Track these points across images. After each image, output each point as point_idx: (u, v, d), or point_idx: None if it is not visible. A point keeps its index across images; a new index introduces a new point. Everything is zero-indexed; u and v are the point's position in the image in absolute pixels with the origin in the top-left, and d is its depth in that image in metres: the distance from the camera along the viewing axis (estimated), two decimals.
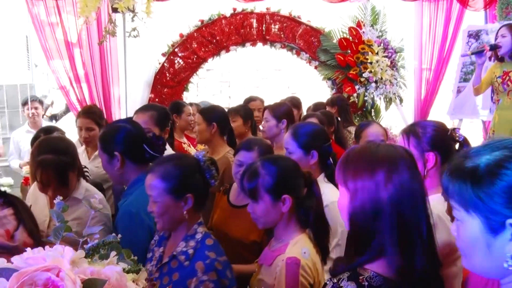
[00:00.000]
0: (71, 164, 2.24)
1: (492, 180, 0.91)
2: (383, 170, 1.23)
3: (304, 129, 2.42)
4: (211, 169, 1.86)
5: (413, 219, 1.21)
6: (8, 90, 6.33)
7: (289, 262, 1.66)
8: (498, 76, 3.99)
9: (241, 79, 8.68)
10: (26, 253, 0.93)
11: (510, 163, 0.90)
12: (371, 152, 1.28)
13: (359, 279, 1.19)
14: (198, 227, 1.82)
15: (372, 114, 5.66)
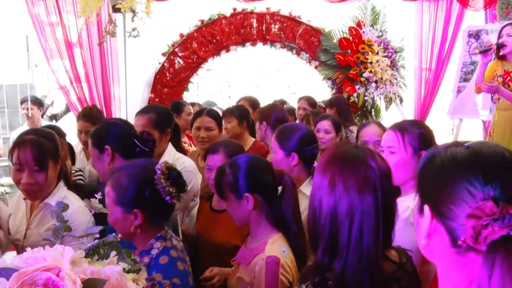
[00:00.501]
0: (52, 150, 2.03)
1: None
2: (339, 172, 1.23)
3: (288, 131, 2.39)
4: (164, 185, 1.68)
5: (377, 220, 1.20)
6: (8, 90, 6.34)
7: (269, 261, 1.67)
8: (499, 75, 3.98)
9: (241, 79, 8.69)
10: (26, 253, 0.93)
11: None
12: (353, 152, 1.28)
13: (327, 284, 1.18)
14: (155, 242, 1.68)
15: (372, 114, 5.66)
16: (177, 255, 1.69)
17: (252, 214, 1.80)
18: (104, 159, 2.16)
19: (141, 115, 2.76)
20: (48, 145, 2.01)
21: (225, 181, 1.82)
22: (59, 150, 2.11)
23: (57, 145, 2.09)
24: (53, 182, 2.05)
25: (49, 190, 2.04)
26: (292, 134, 2.33)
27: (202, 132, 3.16)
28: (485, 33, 5.15)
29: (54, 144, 2.07)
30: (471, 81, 5.03)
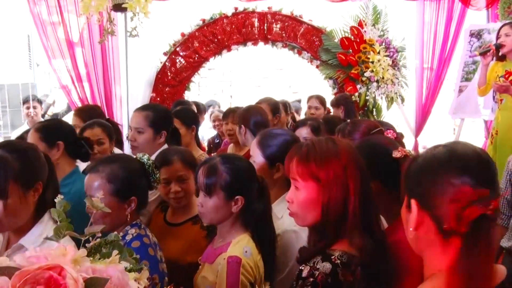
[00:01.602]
0: (19, 172, 1.51)
1: None
2: (347, 158, 1.38)
3: (273, 138, 2.17)
4: (155, 173, 1.85)
5: (369, 202, 1.39)
6: (10, 90, 6.34)
7: (230, 261, 1.68)
8: (500, 76, 3.97)
9: (243, 78, 8.69)
10: (28, 252, 0.93)
11: None
12: (331, 144, 1.42)
13: (331, 259, 1.32)
14: (130, 228, 1.76)
15: (374, 113, 5.66)
16: (149, 242, 1.76)
17: (232, 216, 1.81)
18: (53, 154, 2.15)
19: (139, 112, 2.71)
20: (14, 164, 1.50)
21: (219, 179, 1.78)
22: (38, 172, 1.59)
23: (32, 166, 1.57)
24: (21, 213, 1.54)
25: (17, 222, 1.55)
26: (278, 143, 2.14)
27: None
28: (487, 33, 5.14)
29: (28, 164, 1.55)
30: (473, 80, 5.03)
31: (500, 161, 3.94)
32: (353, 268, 1.33)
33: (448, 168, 1.01)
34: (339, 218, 1.37)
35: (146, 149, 2.61)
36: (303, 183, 1.40)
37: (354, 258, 1.34)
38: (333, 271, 1.30)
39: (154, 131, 2.61)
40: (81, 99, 4.99)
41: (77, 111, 3.53)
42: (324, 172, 1.37)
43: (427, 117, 5.91)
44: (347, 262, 1.33)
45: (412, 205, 1.06)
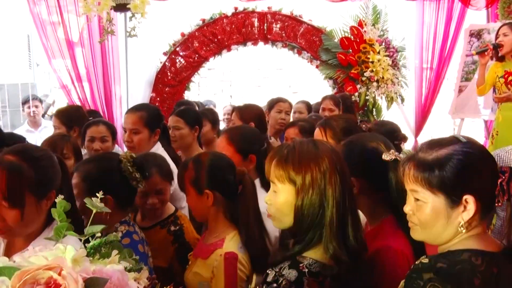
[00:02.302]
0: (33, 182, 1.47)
1: (453, 166, 1.17)
2: (327, 163, 1.35)
3: (240, 132, 2.36)
4: (131, 171, 1.81)
5: (347, 210, 1.35)
6: (10, 89, 6.33)
7: (227, 257, 1.72)
8: (500, 76, 3.97)
9: (243, 78, 8.68)
10: (28, 252, 0.93)
11: (463, 153, 1.18)
12: (312, 147, 1.39)
13: (299, 266, 1.29)
14: (119, 225, 1.80)
15: (374, 113, 5.66)
16: (138, 238, 1.81)
17: (211, 210, 1.85)
18: None
19: (132, 112, 2.74)
20: (29, 174, 1.47)
21: (187, 176, 1.86)
22: (52, 181, 1.56)
23: (47, 174, 1.54)
24: (34, 221, 1.52)
25: (28, 230, 1.52)
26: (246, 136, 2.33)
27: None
28: (487, 33, 5.14)
29: (43, 173, 1.52)
30: (473, 80, 5.03)
31: None
32: (321, 279, 1.29)
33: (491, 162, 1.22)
34: (314, 224, 1.33)
35: (144, 148, 2.68)
36: (281, 185, 1.38)
37: (326, 268, 1.30)
38: (298, 280, 1.27)
39: (149, 131, 2.67)
40: (81, 99, 4.99)
41: (57, 113, 3.50)
42: (301, 176, 1.34)
43: (427, 117, 5.91)
44: (316, 272, 1.29)
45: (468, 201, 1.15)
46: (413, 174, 1.21)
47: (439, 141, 1.25)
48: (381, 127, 3.37)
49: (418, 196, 1.21)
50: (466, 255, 1.15)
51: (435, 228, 1.20)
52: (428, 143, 1.25)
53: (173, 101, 5.30)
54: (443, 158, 1.18)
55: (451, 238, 1.20)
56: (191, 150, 3.02)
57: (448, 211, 1.18)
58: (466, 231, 1.18)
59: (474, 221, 1.18)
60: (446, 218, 1.18)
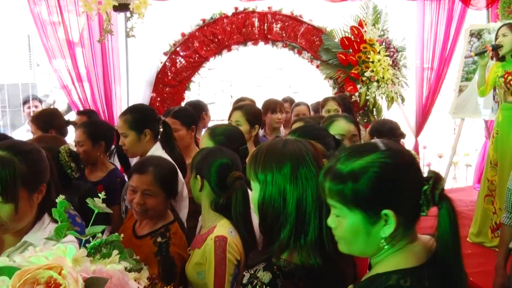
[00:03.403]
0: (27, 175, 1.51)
1: (367, 179, 1.09)
2: (290, 164, 1.36)
3: (221, 130, 2.48)
4: (66, 160, 2.21)
5: (311, 211, 1.34)
6: (10, 89, 6.34)
7: (217, 240, 1.80)
8: (500, 76, 3.97)
9: (243, 78, 8.68)
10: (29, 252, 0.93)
11: (380, 165, 1.10)
12: (279, 147, 1.41)
13: (273, 268, 1.30)
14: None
15: (374, 113, 5.66)
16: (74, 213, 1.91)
17: (203, 198, 2.00)
18: None
19: (120, 117, 2.78)
20: (22, 167, 1.50)
21: (194, 159, 2.06)
22: (42, 174, 1.60)
23: (37, 168, 1.58)
24: (27, 215, 1.55)
25: (21, 225, 1.55)
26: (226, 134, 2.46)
27: None
28: (487, 33, 5.14)
29: (34, 166, 1.55)
30: (473, 80, 5.02)
31: (501, 161, 3.94)
32: (296, 280, 1.30)
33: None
34: (277, 225, 1.34)
35: (136, 150, 2.75)
36: (252, 183, 1.43)
37: (299, 268, 1.31)
38: (273, 282, 1.27)
39: (136, 132, 2.69)
40: (81, 99, 4.99)
41: (32, 118, 3.47)
42: (263, 174, 1.37)
43: (427, 117, 5.91)
44: (291, 273, 1.29)
45: (388, 215, 1.10)
46: (328, 187, 1.15)
47: (358, 149, 1.16)
48: (381, 126, 3.42)
49: (336, 212, 1.16)
50: (394, 278, 1.09)
51: (357, 244, 1.15)
52: (347, 152, 1.16)
53: (173, 101, 5.31)
54: (358, 170, 1.10)
55: (376, 251, 1.15)
56: (189, 150, 3.02)
57: (368, 227, 1.11)
58: (391, 246, 1.13)
59: (398, 235, 1.12)
60: (367, 235, 1.12)
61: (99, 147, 3.04)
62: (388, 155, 1.11)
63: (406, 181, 1.11)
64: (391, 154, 1.12)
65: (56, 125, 3.33)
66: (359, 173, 1.10)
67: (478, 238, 4.08)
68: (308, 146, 1.43)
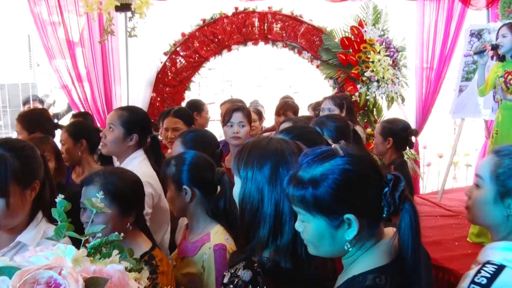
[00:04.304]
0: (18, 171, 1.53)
1: (327, 186, 1.12)
2: (271, 163, 1.36)
3: (192, 135, 2.44)
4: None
5: (289, 214, 1.33)
6: (10, 89, 6.35)
7: (216, 249, 1.79)
8: (500, 76, 3.98)
9: (243, 78, 8.68)
10: (29, 252, 0.93)
11: (339, 172, 1.12)
12: (263, 145, 1.42)
13: (253, 266, 1.31)
14: None
15: (374, 113, 5.66)
16: None
17: (189, 207, 1.93)
18: None
19: (116, 110, 2.74)
20: (14, 163, 1.51)
21: (169, 172, 1.96)
22: (35, 171, 1.61)
23: (30, 164, 1.59)
24: (19, 212, 1.56)
25: (14, 222, 1.56)
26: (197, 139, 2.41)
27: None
28: (487, 32, 5.14)
29: (26, 163, 1.57)
30: (473, 80, 5.02)
31: None
32: (277, 277, 1.31)
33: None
34: (255, 222, 1.36)
35: (114, 149, 2.60)
36: (236, 178, 1.45)
37: (280, 266, 1.32)
38: (253, 279, 1.28)
39: (124, 131, 2.56)
40: (81, 99, 4.99)
41: (18, 117, 3.41)
42: (244, 170, 1.39)
43: (427, 117, 5.91)
44: (271, 270, 1.31)
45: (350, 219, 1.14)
46: (291, 194, 1.18)
47: (318, 156, 1.18)
48: (393, 124, 3.41)
49: (301, 217, 1.19)
50: (370, 278, 1.13)
51: (323, 247, 1.18)
52: (310, 159, 1.18)
53: (173, 101, 5.31)
54: (318, 177, 1.13)
55: (344, 252, 1.19)
56: None
57: (332, 231, 1.15)
58: (358, 248, 1.17)
59: (364, 237, 1.16)
60: (332, 238, 1.16)
61: (81, 146, 2.99)
62: (347, 161, 1.14)
63: (365, 186, 1.14)
64: (350, 160, 1.14)
65: (42, 127, 3.27)
66: (319, 180, 1.13)
67: (478, 238, 4.07)
68: (292, 147, 1.43)
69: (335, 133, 2.17)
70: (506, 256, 1.31)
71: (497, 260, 1.31)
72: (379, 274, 1.13)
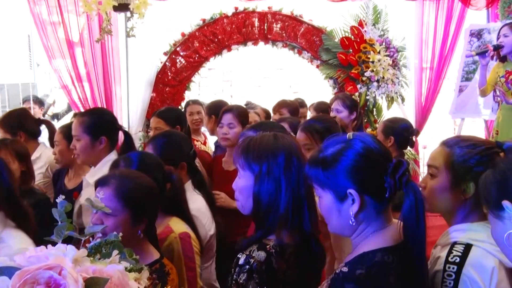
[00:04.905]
0: None
1: (335, 164, 1.28)
2: (284, 155, 1.50)
3: (164, 140, 2.36)
4: None
5: (303, 197, 1.49)
6: (10, 89, 6.35)
7: (182, 237, 1.90)
8: (501, 76, 3.98)
9: (243, 78, 8.68)
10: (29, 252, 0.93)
11: (345, 152, 1.28)
12: (272, 140, 1.54)
13: (266, 248, 1.43)
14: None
15: (374, 113, 5.66)
16: None
17: None
18: None
19: (76, 118, 2.68)
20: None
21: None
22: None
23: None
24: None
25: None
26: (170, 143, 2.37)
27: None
28: (487, 32, 5.14)
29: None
30: (473, 80, 5.03)
31: None
32: (287, 257, 1.44)
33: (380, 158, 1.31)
34: (271, 210, 1.48)
35: (88, 158, 2.53)
36: (242, 172, 1.54)
37: (288, 247, 1.45)
38: (268, 260, 1.41)
39: (91, 138, 2.48)
40: (81, 99, 4.99)
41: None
42: (258, 165, 1.49)
43: (427, 117, 5.91)
44: (282, 251, 1.43)
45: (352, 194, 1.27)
46: (307, 172, 1.35)
47: (332, 139, 1.36)
48: (395, 123, 3.45)
49: (315, 192, 1.37)
50: (379, 255, 1.24)
51: (332, 221, 1.34)
52: (324, 142, 1.36)
53: (173, 101, 5.31)
54: (329, 156, 1.29)
55: (352, 230, 1.31)
56: None
57: (338, 205, 1.29)
58: (365, 226, 1.29)
59: (371, 216, 1.29)
60: (338, 212, 1.30)
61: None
62: (354, 143, 1.30)
63: (369, 166, 1.28)
64: (357, 143, 1.30)
65: (25, 127, 3.22)
66: (331, 158, 1.29)
67: None
68: (293, 139, 1.63)
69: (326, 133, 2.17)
70: (470, 236, 1.43)
71: (464, 240, 1.43)
72: (387, 253, 1.24)
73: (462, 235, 1.45)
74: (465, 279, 1.35)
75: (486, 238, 1.38)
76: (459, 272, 1.36)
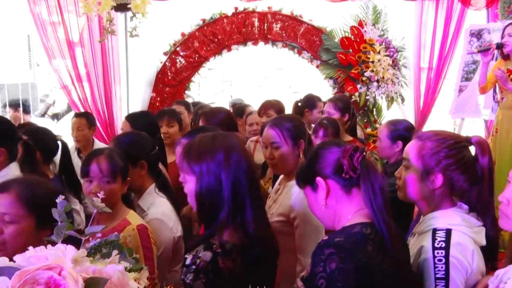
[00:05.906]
0: None
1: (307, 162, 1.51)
2: (222, 153, 1.50)
3: (125, 139, 2.35)
4: None
5: (243, 193, 1.49)
6: (10, 89, 6.34)
7: (140, 229, 1.93)
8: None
9: (243, 78, 8.69)
10: (28, 252, 0.93)
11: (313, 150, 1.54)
12: (209, 140, 1.55)
13: (212, 247, 1.43)
14: None
15: (374, 113, 5.66)
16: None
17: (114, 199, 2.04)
18: None
19: None
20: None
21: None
22: None
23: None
24: None
25: None
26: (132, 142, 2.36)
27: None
28: (487, 32, 5.14)
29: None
30: (473, 80, 5.03)
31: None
32: (234, 256, 1.44)
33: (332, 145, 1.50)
34: (215, 208, 1.48)
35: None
36: (188, 177, 1.54)
37: (236, 246, 1.46)
38: (213, 259, 1.41)
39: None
40: (81, 99, 4.99)
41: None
42: (199, 167, 1.50)
43: (427, 117, 5.91)
44: (229, 250, 1.44)
45: (318, 183, 1.43)
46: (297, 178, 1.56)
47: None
48: (398, 124, 3.37)
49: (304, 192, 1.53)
50: (358, 227, 1.35)
51: (317, 212, 1.48)
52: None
53: (173, 101, 5.30)
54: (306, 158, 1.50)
55: (332, 222, 1.45)
56: None
57: (315, 196, 1.45)
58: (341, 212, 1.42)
59: (343, 198, 1.42)
60: (316, 202, 1.45)
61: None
62: (320, 146, 1.51)
63: (326, 155, 1.45)
64: (322, 144, 1.52)
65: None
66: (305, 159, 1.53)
67: None
68: (234, 137, 1.63)
69: (294, 132, 2.22)
70: (447, 221, 1.52)
71: (443, 226, 1.51)
72: (366, 226, 1.36)
73: (440, 221, 1.54)
74: (453, 261, 1.44)
75: (461, 222, 1.52)
76: (448, 256, 1.45)
